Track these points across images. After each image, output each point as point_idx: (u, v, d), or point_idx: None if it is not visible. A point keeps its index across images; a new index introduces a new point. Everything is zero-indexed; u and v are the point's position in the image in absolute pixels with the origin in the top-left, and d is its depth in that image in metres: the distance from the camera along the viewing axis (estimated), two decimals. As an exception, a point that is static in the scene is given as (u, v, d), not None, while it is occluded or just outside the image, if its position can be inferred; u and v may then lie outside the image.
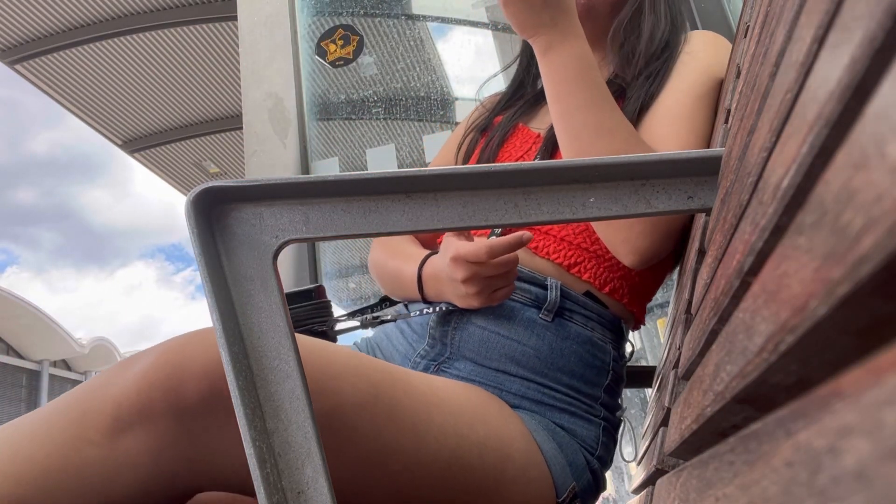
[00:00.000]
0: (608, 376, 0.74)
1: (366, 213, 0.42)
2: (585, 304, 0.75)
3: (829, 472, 0.09)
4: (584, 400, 0.72)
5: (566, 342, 0.72)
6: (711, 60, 0.79)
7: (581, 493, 0.68)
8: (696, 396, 0.25)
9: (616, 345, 0.76)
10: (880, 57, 0.11)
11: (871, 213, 0.09)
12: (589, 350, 0.73)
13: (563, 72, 0.70)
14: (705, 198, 0.42)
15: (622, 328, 0.77)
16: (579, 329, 0.73)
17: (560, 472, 0.67)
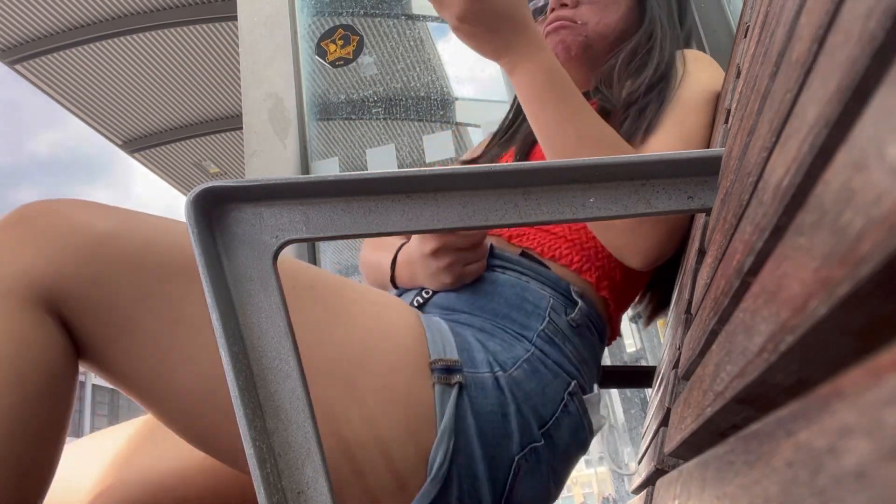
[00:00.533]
0: (543, 321, 0.70)
1: (366, 213, 0.42)
2: (519, 262, 0.75)
3: (830, 473, 0.09)
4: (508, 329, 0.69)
5: (493, 285, 0.73)
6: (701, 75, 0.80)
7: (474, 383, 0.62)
8: (696, 396, 0.25)
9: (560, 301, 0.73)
10: (880, 57, 0.11)
11: (871, 214, 0.09)
12: (518, 293, 0.72)
13: (532, 89, 0.69)
14: (705, 198, 0.42)
15: (570, 290, 0.75)
16: (509, 278, 0.74)
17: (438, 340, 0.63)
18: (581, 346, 0.74)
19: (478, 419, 0.62)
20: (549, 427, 0.66)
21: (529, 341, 0.69)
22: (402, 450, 0.58)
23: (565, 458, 0.69)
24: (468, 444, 0.61)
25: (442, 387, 0.61)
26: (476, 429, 0.61)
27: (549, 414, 0.66)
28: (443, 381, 0.61)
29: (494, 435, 0.62)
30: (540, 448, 0.65)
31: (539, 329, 0.70)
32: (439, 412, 0.60)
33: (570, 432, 0.69)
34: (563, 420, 0.67)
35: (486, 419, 0.62)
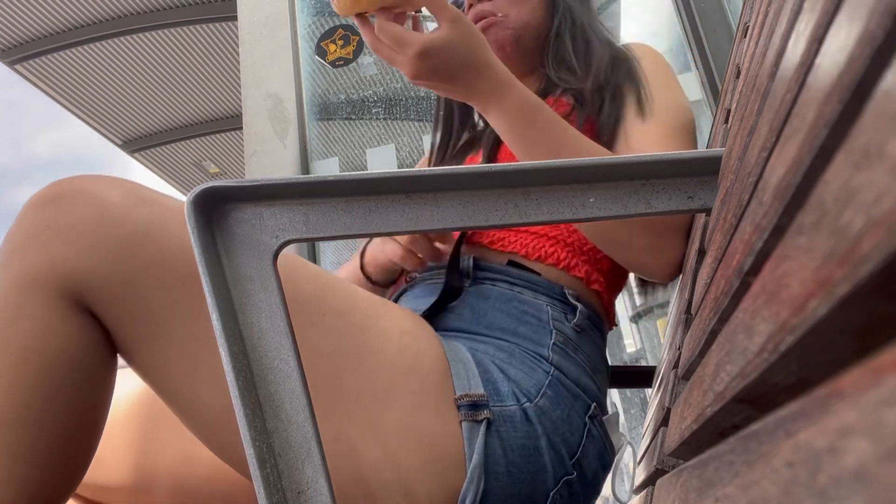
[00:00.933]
0: (552, 335, 0.69)
1: (366, 213, 0.42)
2: (507, 272, 0.73)
3: (830, 473, 0.09)
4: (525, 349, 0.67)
5: (487, 301, 0.71)
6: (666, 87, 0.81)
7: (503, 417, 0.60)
8: (696, 396, 0.25)
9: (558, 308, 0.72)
10: (880, 57, 0.11)
11: (871, 214, 0.09)
12: (516, 307, 0.70)
13: (511, 130, 0.67)
14: (705, 198, 0.42)
15: (565, 294, 0.73)
16: (502, 290, 0.72)
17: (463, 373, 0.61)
18: (590, 352, 0.73)
19: (509, 456, 0.59)
20: (579, 456, 0.64)
21: (547, 361, 0.67)
22: (427, 492, 0.55)
23: (594, 485, 0.68)
24: (500, 483, 0.58)
25: (469, 424, 0.58)
26: (507, 466, 0.59)
27: (576, 443, 0.65)
28: (470, 418, 0.58)
29: (528, 471, 0.60)
30: (573, 480, 0.63)
31: (550, 344, 0.68)
32: (468, 451, 0.57)
33: (597, 458, 0.67)
34: (588, 447, 0.66)
35: (517, 455, 0.60)
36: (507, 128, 0.67)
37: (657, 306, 3.41)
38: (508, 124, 0.67)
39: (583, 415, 0.66)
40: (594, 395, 0.70)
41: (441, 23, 0.64)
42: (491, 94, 0.66)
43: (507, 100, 0.66)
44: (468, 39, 0.65)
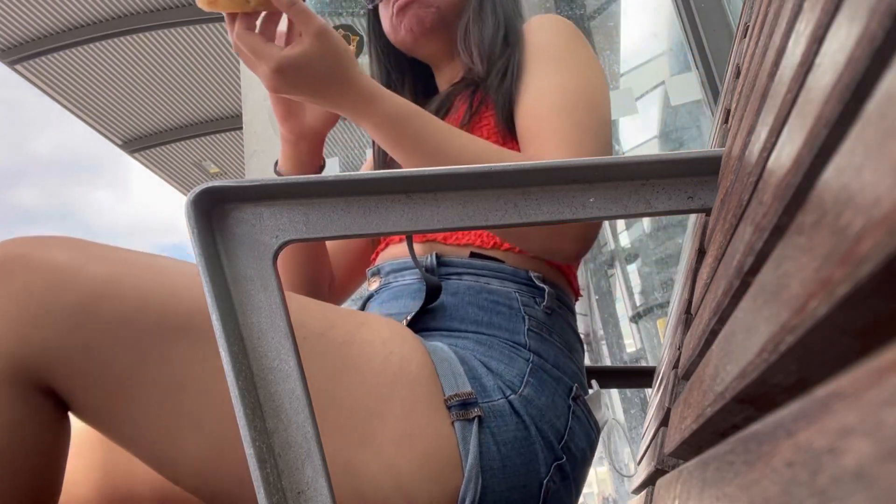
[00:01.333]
0: (525, 322, 0.69)
1: (366, 213, 0.42)
2: (471, 264, 0.73)
3: (830, 473, 0.09)
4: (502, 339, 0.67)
5: (456, 297, 0.70)
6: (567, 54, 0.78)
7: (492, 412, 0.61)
8: (696, 396, 0.25)
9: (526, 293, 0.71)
10: (880, 57, 0.11)
11: (871, 214, 0.09)
12: (486, 298, 0.70)
13: (386, 140, 0.67)
14: (705, 198, 0.42)
15: (531, 277, 0.73)
16: (470, 283, 0.71)
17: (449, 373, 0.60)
18: (563, 332, 0.73)
19: (502, 451, 0.60)
20: (567, 439, 0.65)
21: (525, 348, 0.67)
22: (427, 497, 0.55)
23: (583, 465, 0.69)
24: (496, 478, 0.59)
25: (462, 423, 0.58)
26: (502, 461, 0.59)
27: (563, 426, 0.65)
28: (461, 417, 0.58)
29: (522, 463, 0.60)
30: (563, 464, 0.64)
31: (525, 330, 0.68)
32: (463, 451, 0.58)
33: (584, 438, 0.68)
34: (575, 428, 0.67)
35: (510, 448, 0.60)
36: (380, 139, 0.67)
37: (657, 306, 3.41)
38: (380, 136, 0.67)
39: (566, 397, 0.67)
40: (574, 376, 0.70)
41: (304, 36, 0.63)
42: (355, 108, 0.66)
43: (374, 113, 0.66)
44: (330, 55, 0.64)
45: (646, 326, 3.48)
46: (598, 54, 3.53)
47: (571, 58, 0.78)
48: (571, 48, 0.79)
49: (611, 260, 3.98)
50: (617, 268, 3.88)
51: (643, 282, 3.69)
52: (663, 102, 3.24)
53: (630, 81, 3.54)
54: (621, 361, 3.86)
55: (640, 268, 3.73)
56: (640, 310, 3.54)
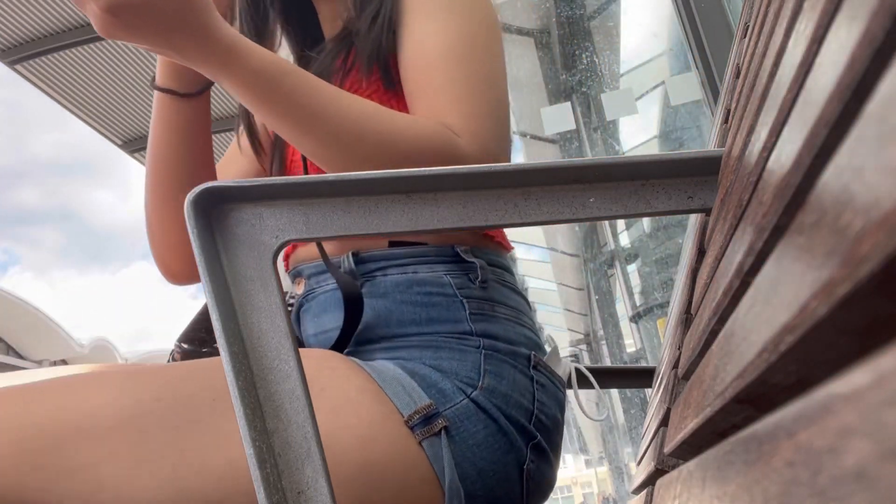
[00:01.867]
0: (465, 307, 0.64)
1: (366, 213, 0.42)
2: (392, 255, 0.67)
3: (830, 473, 0.09)
4: (447, 334, 0.63)
5: (385, 299, 0.65)
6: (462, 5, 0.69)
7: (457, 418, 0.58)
8: (696, 396, 0.25)
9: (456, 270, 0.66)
10: (880, 57, 0.11)
11: (871, 214, 0.09)
12: (418, 290, 0.65)
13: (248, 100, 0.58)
14: (705, 198, 0.42)
15: (457, 252, 0.67)
16: (396, 278, 0.66)
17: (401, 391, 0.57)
18: (506, 297, 0.68)
19: (477, 453, 0.58)
20: (536, 413, 0.63)
21: (472, 334, 0.63)
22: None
23: (556, 430, 0.67)
24: (477, 483, 0.58)
25: (430, 440, 0.56)
26: (478, 464, 0.58)
27: (530, 402, 0.63)
28: (428, 434, 0.56)
29: (498, 457, 0.59)
30: (538, 441, 0.63)
31: (467, 316, 0.64)
32: (437, 468, 0.56)
33: (552, 404, 0.66)
34: (542, 398, 0.64)
35: (484, 449, 0.58)
36: (246, 99, 0.58)
37: (657, 306, 3.42)
38: (246, 96, 0.57)
39: (527, 370, 0.65)
40: (528, 342, 0.67)
41: None
42: (213, 62, 0.56)
43: (237, 69, 0.56)
44: None
45: (646, 326, 3.48)
46: (598, 54, 3.54)
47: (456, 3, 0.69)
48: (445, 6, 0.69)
49: (611, 260, 3.98)
50: (617, 268, 3.88)
51: (643, 282, 3.69)
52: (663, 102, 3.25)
53: (630, 81, 3.54)
54: (621, 361, 3.86)
55: (640, 268, 3.73)
56: (640, 310, 3.54)
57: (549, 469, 0.66)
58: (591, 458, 7.51)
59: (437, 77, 0.64)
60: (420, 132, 0.59)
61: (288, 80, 0.57)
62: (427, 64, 0.65)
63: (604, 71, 3.47)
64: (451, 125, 0.61)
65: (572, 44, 3.55)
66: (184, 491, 0.48)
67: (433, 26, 0.66)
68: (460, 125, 0.62)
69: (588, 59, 3.44)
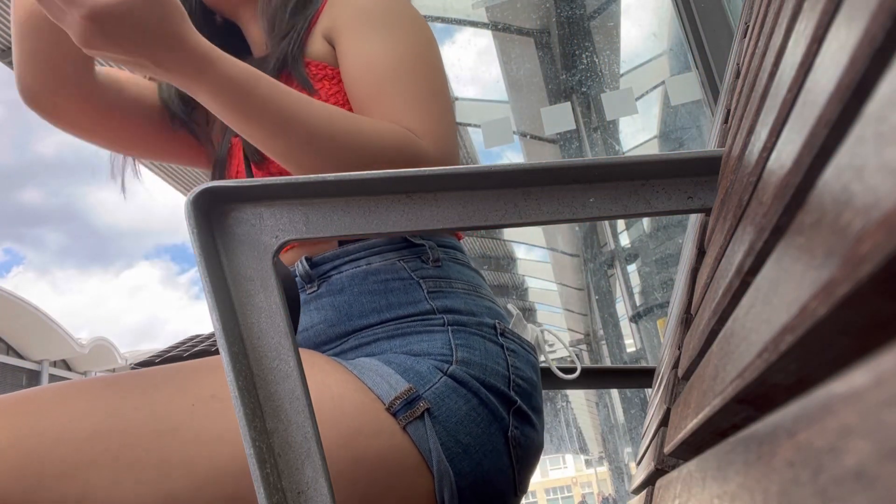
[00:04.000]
0: (422, 287, 0.66)
1: (366, 212, 0.42)
2: (344, 252, 0.68)
3: (830, 473, 0.09)
4: (410, 318, 0.64)
5: (344, 294, 0.66)
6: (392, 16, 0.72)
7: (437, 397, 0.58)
8: (696, 396, 0.25)
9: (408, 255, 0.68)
10: (880, 57, 0.11)
11: (871, 214, 0.09)
12: (374, 279, 0.66)
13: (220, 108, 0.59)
14: (705, 198, 0.42)
15: (405, 238, 0.68)
16: (352, 272, 0.67)
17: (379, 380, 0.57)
18: (460, 273, 0.70)
19: (461, 429, 0.58)
20: (512, 378, 0.64)
21: (434, 312, 0.64)
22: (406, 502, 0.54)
23: (534, 392, 0.67)
24: (465, 460, 0.58)
25: (414, 424, 0.56)
26: (464, 441, 0.58)
27: (504, 368, 0.63)
28: (411, 418, 0.56)
29: (482, 430, 0.60)
30: (518, 406, 0.63)
31: (426, 295, 0.65)
32: (424, 451, 0.56)
33: (526, 367, 0.67)
34: (515, 363, 0.65)
35: (467, 424, 0.59)
36: (219, 107, 0.59)
37: (657, 306, 3.42)
38: (220, 104, 0.59)
39: (495, 338, 0.65)
40: (490, 311, 0.68)
41: None
42: (188, 71, 0.57)
43: (212, 78, 0.58)
44: (158, 8, 0.54)
45: (646, 326, 3.48)
46: (598, 54, 3.54)
47: (395, 19, 0.72)
48: (393, 9, 0.72)
49: (611, 260, 3.98)
50: (617, 268, 3.88)
51: (643, 282, 3.69)
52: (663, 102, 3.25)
53: (630, 81, 3.54)
54: (621, 361, 3.86)
55: (640, 268, 3.73)
56: (640, 310, 3.54)
57: (534, 432, 0.66)
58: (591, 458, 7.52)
59: (389, 88, 0.67)
60: (384, 132, 0.62)
61: (261, 84, 0.59)
62: (378, 78, 0.68)
63: (604, 71, 3.47)
64: (410, 128, 0.64)
65: (572, 44, 3.55)
66: (170, 495, 0.48)
67: (378, 45, 0.69)
68: (419, 128, 0.65)
69: (588, 59, 3.44)
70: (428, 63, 0.70)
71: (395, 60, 0.68)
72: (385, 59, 0.68)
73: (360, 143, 0.61)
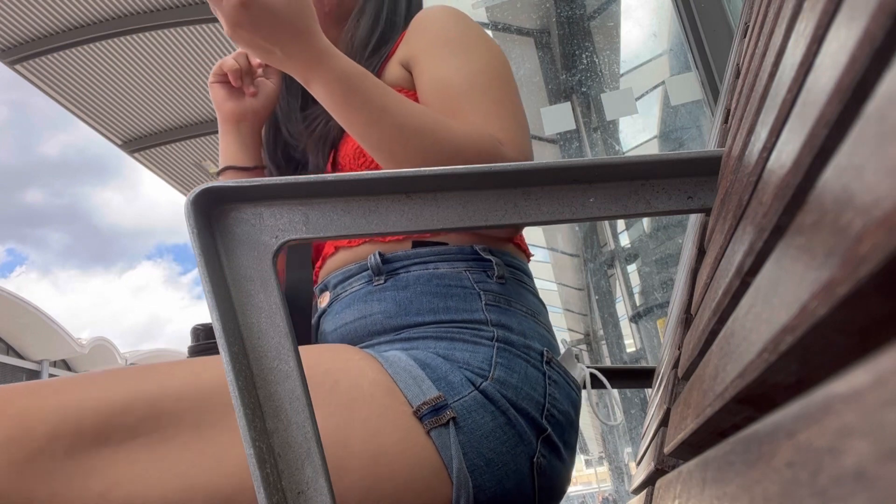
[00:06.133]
0: (481, 297, 0.68)
1: (366, 213, 0.42)
2: (416, 254, 0.72)
3: (830, 473, 0.09)
4: (462, 324, 0.67)
5: (407, 291, 0.70)
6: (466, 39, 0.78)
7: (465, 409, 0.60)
8: (696, 396, 0.25)
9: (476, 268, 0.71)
10: (880, 57, 0.11)
11: (871, 214, 0.09)
12: (438, 283, 0.69)
13: (332, 99, 0.67)
14: (705, 198, 0.42)
15: (476, 251, 0.72)
16: (419, 273, 0.71)
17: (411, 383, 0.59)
18: (522, 296, 0.72)
19: (485, 444, 0.59)
20: (548, 408, 0.64)
21: (487, 323, 0.66)
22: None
23: (570, 427, 0.68)
24: (485, 474, 0.58)
25: (438, 430, 0.57)
26: (486, 455, 0.59)
27: (541, 395, 0.64)
28: (436, 424, 0.57)
29: (507, 449, 0.60)
30: (549, 435, 0.64)
31: (483, 305, 0.68)
32: (445, 458, 0.57)
33: (565, 401, 0.67)
34: (554, 394, 0.66)
35: (492, 440, 0.60)
36: (327, 97, 0.67)
37: (657, 306, 3.42)
38: (328, 94, 0.67)
39: (539, 365, 0.66)
40: (543, 339, 0.70)
41: None
42: (308, 62, 0.66)
43: (326, 70, 0.66)
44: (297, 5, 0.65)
45: (646, 326, 3.48)
46: (598, 54, 3.53)
47: (470, 42, 0.78)
48: (467, 33, 0.79)
49: (611, 260, 3.98)
50: (617, 268, 3.88)
51: (643, 282, 3.69)
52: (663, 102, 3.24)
53: (630, 81, 3.54)
54: (621, 361, 3.86)
55: (640, 268, 3.73)
56: (640, 310, 3.54)
57: (562, 466, 0.66)
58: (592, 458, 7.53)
59: (467, 102, 0.72)
60: (471, 133, 0.67)
61: (367, 80, 0.67)
62: (456, 94, 0.73)
63: (604, 71, 3.47)
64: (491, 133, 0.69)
65: (572, 44, 3.54)
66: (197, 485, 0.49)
67: (455, 65, 0.75)
68: (501, 136, 0.69)
69: (588, 59, 3.44)
70: (503, 79, 0.75)
71: (471, 78, 0.74)
72: (461, 76, 0.74)
73: (447, 139, 0.65)
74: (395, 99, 0.67)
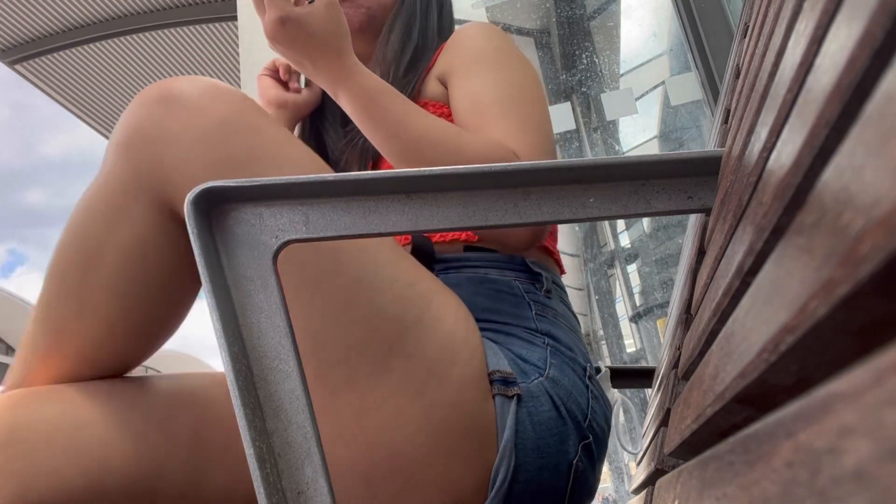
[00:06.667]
0: (531, 308, 0.70)
1: (366, 213, 0.42)
2: (467, 258, 0.74)
3: (830, 473, 0.09)
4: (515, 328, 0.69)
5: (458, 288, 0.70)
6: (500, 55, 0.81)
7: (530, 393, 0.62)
8: (696, 396, 0.25)
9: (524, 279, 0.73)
10: (880, 57, 0.11)
11: (871, 214, 0.09)
12: (489, 287, 0.71)
13: (356, 111, 0.71)
14: (705, 198, 0.42)
15: (527, 263, 0.74)
16: (469, 275, 0.73)
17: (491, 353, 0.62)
18: (564, 312, 0.74)
19: (537, 430, 0.61)
20: (589, 418, 0.66)
21: (538, 332, 0.68)
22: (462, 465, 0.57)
23: (603, 445, 0.70)
24: (528, 458, 0.60)
25: (502, 399, 0.59)
26: (536, 440, 0.60)
27: (585, 405, 0.66)
28: (502, 393, 0.60)
29: (554, 444, 0.61)
30: (589, 443, 0.65)
31: (533, 316, 0.69)
32: (500, 425, 0.59)
33: (602, 417, 0.69)
34: (594, 407, 0.68)
35: (544, 430, 0.61)
36: (352, 108, 0.71)
37: (657, 306, 3.41)
38: (352, 105, 0.71)
39: (583, 377, 0.68)
40: (584, 355, 0.72)
41: (318, 2, 0.70)
42: (337, 76, 0.71)
43: (352, 84, 0.70)
44: (332, 26, 0.70)
45: (646, 326, 3.48)
46: (598, 54, 3.53)
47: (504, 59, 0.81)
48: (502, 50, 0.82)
49: (611, 260, 3.98)
50: (617, 268, 3.88)
51: (643, 282, 3.69)
52: (663, 102, 3.24)
53: (630, 81, 3.54)
54: (621, 361, 3.86)
55: (640, 268, 3.73)
56: (640, 310, 3.54)
57: (593, 477, 0.68)
58: (591, 458, 7.53)
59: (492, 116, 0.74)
60: (486, 146, 0.69)
61: (387, 96, 0.71)
62: (484, 107, 0.75)
63: (604, 71, 3.47)
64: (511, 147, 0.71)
65: (572, 44, 3.54)
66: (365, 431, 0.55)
67: (486, 79, 0.78)
68: (519, 148, 0.71)
69: (588, 59, 3.44)
70: (532, 95, 0.78)
71: (500, 92, 0.76)
72: (491, 91, 0.76)
73: (462, 151, 0.68)
74: (415, 113, 0.70)
